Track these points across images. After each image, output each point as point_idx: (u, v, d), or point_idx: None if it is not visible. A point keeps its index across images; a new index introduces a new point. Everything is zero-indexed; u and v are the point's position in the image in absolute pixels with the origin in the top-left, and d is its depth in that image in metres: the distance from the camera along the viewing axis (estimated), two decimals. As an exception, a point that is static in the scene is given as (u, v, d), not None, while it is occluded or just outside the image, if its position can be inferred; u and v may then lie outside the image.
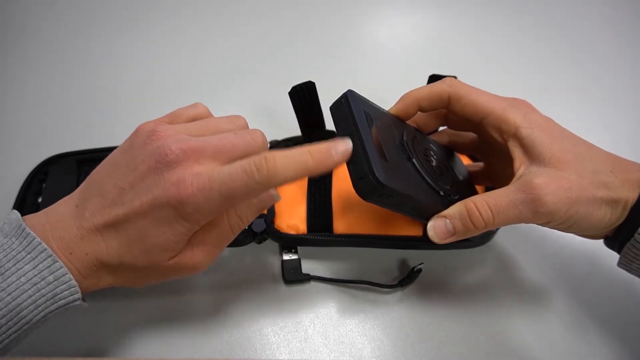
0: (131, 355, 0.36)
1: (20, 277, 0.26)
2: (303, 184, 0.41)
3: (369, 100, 0.34)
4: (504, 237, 0.42)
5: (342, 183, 0.41)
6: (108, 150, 0.32)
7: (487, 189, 0.41)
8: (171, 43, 0.59)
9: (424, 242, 0.39)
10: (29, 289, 0.26)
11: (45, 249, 0.27)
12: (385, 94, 0.53)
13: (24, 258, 0.26)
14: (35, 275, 0.26)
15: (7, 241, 0.27)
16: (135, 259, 0.28)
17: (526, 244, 0.42)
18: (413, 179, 0.32)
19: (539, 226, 0.42)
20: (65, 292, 0.27)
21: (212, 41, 0.59)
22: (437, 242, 0.32)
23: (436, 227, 0.32)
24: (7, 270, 0.26)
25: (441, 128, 0.40)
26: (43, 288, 0.26)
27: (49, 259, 0.27)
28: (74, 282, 0.27)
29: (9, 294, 0.26)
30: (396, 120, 0.35)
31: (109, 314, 0.37)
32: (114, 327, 0.37)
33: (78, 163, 0.44)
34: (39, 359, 0.35)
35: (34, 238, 0.27)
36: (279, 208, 0.41)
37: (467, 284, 0.39)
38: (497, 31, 0.61)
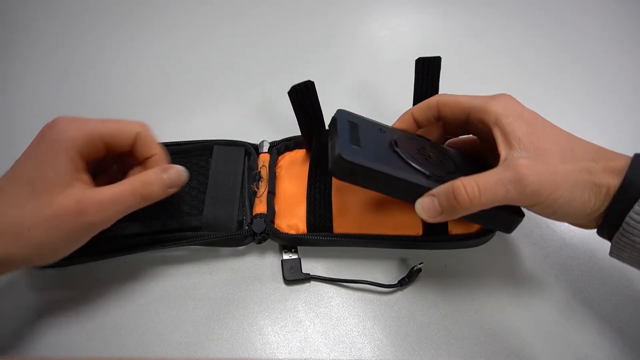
0: (130, 354, 0.36)
1: None
2: (303, 184, 0.41)
3: (368, 119, 0.38)
4: (504, 236, 0.42)
5: (341, 182, 0.41)
6: None
7: None
8: (169, 44, 0.59)
9: (424, 241, 0.39)
10: None
11: None
12: (384, 92, 0.53)
13: None
14: None
15: None
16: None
17: (526, 244, 0.42)
18: (392, 161, 0.34)
19: (539, 226, 0.43)
20: None
21: (212, 42, 0.59)
22: (425, 219, 0.33)
23: (424, 204, 0.33)
24: None
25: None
26: None
27: None
28: None
29: None
30: (399, 131, 0.38)
31: (104, 313, 0.37)
32: (113, 326, 0.37)
33: None
34: (40, 359, 0.35)
35: None
36: (279, 207, 0.41)
37: (467, 284, 0.39)
38: (497, 31, 0.61)
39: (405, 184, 0.33)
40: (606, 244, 0.33)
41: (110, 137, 0.33)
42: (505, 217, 0.34)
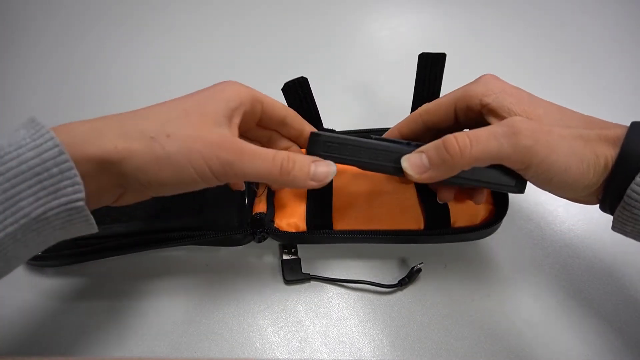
0: (130, 354, 0.36)
1: (21, 164, 0.24)
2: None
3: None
4: (504, 236, 0.42)
5: (341, 180, 0.41)
6: None
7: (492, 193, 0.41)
8: (169, 44, 0.59)
9: (424, 235, 0.39)
10: (31, 178, 0.24)
11: (52, 138, 0.25)
12: (384, 92, 0.53)
13: (27, 144, 0.25)
14: (38, 165, 0.25)
15: (15, 132, 0.25)
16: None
17: (526, 244, 0.42)
18: (367, 140, 0.33)
19: (539, 226, 0.43)
20: (68, 189, 0.25)
21: (212, 41, 0.59)
22: (411, 176, 0.31)
23: (410, 160, 0.31)
24: (7, 154, 0.24)
25: None
26: (45, 180, 0.25)
27: (55, 150, 0.25)
28: (78, 178, 0.25)
29: (8, 180, 0.24)
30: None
31: (104, 313, 0.38)
32: (114, 327, 0.37)
33: None
34: (40, 359, 0.35)
35: (42, 127, 0.25)
36: (279, 207, 0.41)
37: (467, 284, 0.39)
38: (497, 31, 0.61)
39: (383, 151, 0.32)
40: (605, 244, 0.33)
41: (269, 106, 0.34)
42: (505, 176, 0.32)
